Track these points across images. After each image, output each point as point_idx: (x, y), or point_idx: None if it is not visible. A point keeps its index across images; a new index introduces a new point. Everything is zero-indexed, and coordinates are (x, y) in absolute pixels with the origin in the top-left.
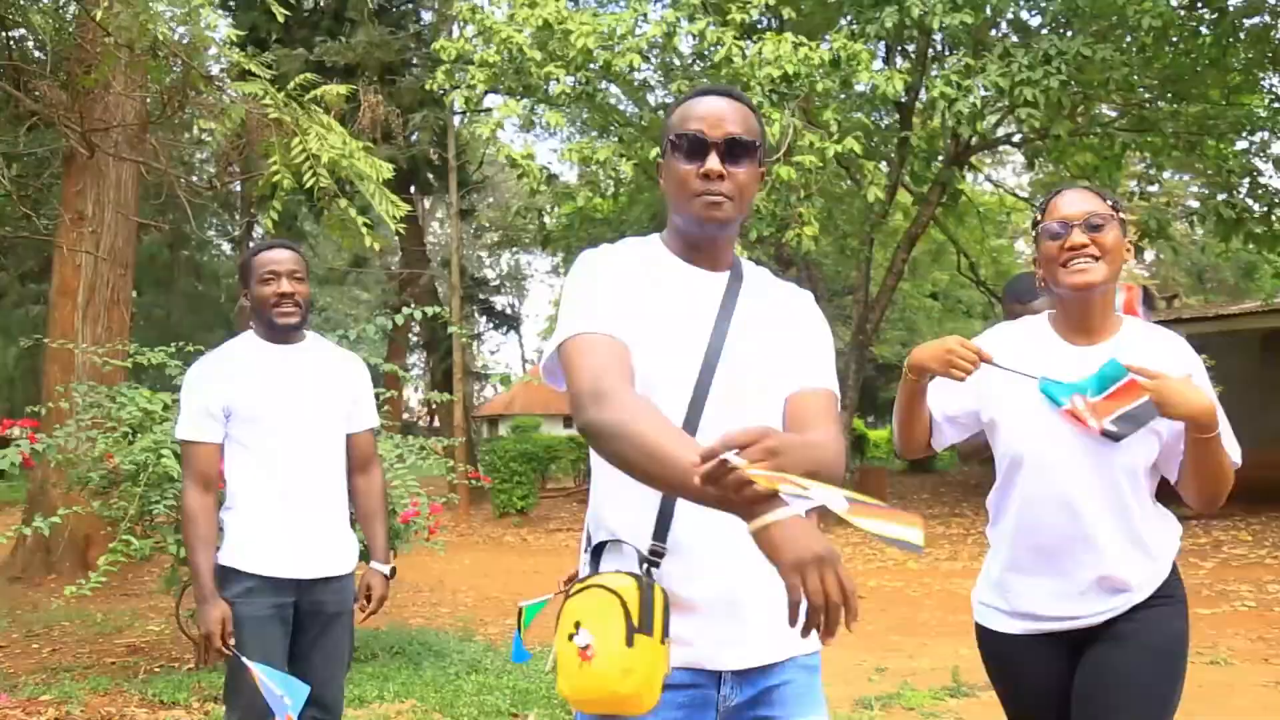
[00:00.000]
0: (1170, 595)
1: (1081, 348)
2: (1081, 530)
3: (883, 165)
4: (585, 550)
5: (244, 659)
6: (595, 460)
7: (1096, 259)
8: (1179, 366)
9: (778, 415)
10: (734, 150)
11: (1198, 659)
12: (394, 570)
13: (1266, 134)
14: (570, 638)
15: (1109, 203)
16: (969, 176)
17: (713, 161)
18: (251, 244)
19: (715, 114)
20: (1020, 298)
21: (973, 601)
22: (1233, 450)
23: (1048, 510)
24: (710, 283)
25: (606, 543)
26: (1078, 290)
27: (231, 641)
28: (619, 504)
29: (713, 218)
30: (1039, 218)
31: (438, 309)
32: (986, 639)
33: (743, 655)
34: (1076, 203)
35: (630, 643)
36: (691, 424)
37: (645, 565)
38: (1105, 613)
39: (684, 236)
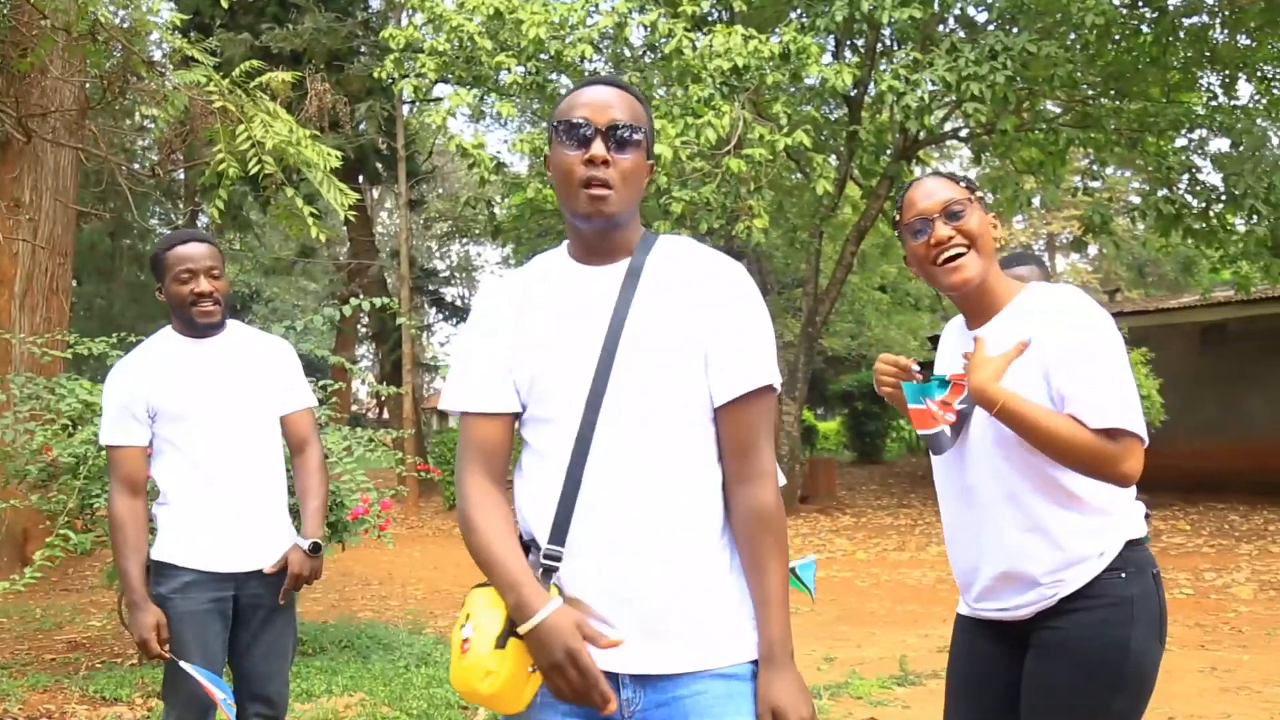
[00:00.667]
0: (1102, 597)
1: (975, 331)
2: (973, 521)
3: (832, 158)
4: None
5: (181, 663)
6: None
7: (966, 249)
8: (1049, 327)
9: (690, 405)
10: (619, 138)
11: None
12: (316, 545)
13: (1204, 131)
14: (461, 627)
15: (963, 184)
16: (917, 170)
17: (597, 147)
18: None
19: (601, 101)
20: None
21: None
22: (1109, 416)
23: (947, 501)
24: (603, 278)
25: (529, 542)
26: (956, 288)
27: (167, 647)
28: (524, 505)
29: (598, 212)
30: (897, 216)
31: (386, 300)
32: (955, 621)
33: (640, 660)
34: (932, 193)
35: (501, 645)
36: (588, 428)
37: (541, 570)
38: (1028, 605)
39: (575, 234)
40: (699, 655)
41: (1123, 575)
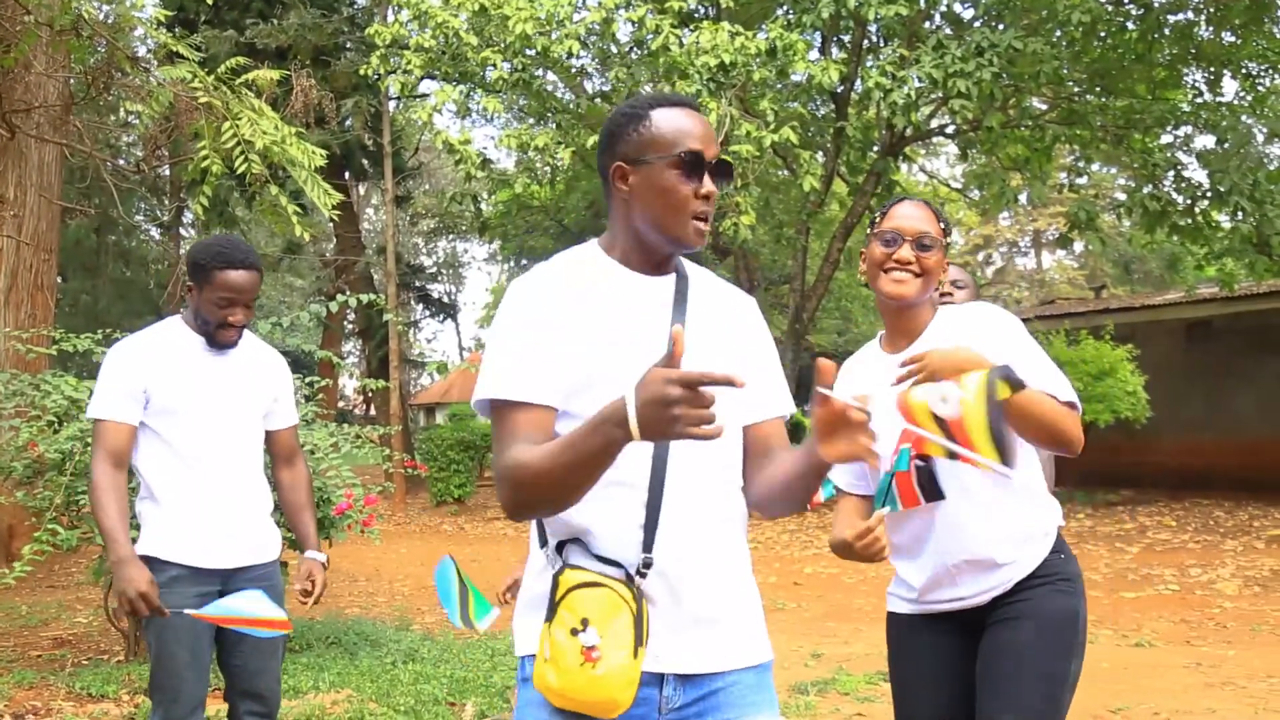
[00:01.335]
0: (1054, 574)
1: (892, 355)
2: (930, 519)
3: (819, 155)
4: (546, 547)
5: (186, 612)
6: None
7: (917, 275)
8: (978, 333)
9: (733, 418)
10: (721, 171)
11: (1123, 641)
12: (327, 560)
13: (1190, 128)
14: (574, 632)
15: (941, 224)
16: (903, 167)
17: (709, 184)
18: (218, 233)
19: (707, 134)
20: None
21: (886, 594)
22: (1068, 392)
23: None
24: (656, 286)
25: (567, 541)
26: (891, 299)
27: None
28: (598, 510)
29: (700, 242)
30: (878, 220)
31: (373, 296)
32: (889, 622)
33: (687, 660)
34: (914, 219)
35: (636, 655)
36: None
37: (636, 577)
38: (987, 591)
39: (646, 247)
40: (741, 654)
41: (1062, 555)
